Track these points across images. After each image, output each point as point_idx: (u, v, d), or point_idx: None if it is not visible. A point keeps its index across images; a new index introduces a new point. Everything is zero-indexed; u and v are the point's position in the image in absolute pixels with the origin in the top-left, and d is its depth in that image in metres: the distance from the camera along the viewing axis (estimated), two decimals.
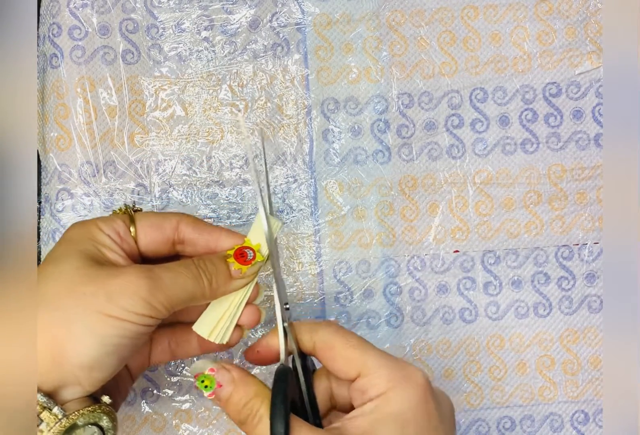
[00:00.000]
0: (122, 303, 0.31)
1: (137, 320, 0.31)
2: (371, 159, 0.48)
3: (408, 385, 0.31)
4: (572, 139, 0.49)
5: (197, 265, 0.34)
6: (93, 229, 0.34)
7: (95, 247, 0.33)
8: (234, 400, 0.32)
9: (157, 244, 0.36)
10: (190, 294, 0.33)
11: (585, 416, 0.48)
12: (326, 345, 0.33)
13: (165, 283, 0.32)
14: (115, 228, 0.35)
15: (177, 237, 0.36)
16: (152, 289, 0.31)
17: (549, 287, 0.49)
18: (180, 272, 0.33)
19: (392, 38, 0.48)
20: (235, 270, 0.34)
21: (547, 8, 0.48)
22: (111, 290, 0.31)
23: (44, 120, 0.47)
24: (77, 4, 0.46)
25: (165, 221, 0.36)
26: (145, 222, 0.36)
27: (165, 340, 0.38)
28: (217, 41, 0.47)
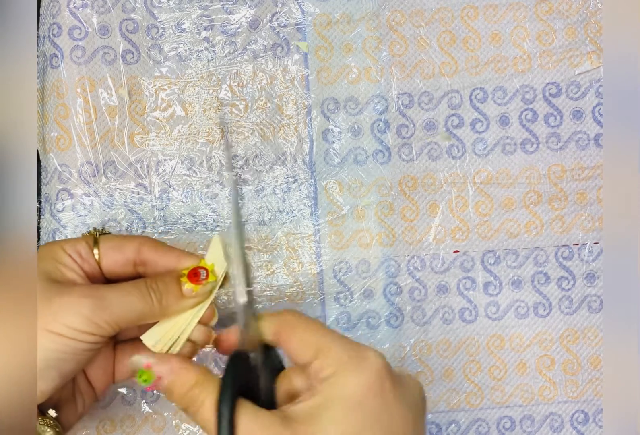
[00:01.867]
0: (65, 320, 0.32)
1: (79, 337, 0.32)
2: (371, 159, 0.48)
3: (360, 367, 0.30)
4: (572, 139, 0.49)
5: (147, 284, 0.35)
6: (57, 249, 0.36)
7: (55, 267, 0.35)
8: (176, 389, 0.32)
9: (119, 265, 0.37)
10: (137, 312, 0.34)
11: (585, 416, 0.48)
12: (286, 327, 0.33)
13: (110, 302, 0.33)
14: (78, 249, 0.37)
15: (138, 259, 0.37)
16: (95, 308, 0.33)
17: (549, 287, 0.49)
18: (127, 291, 0.34)
19: (392, 38, 0.48)
20: (187, 289, 0.36)
21: (547, 8, 0.48)
22: (56, 307, 0.33)
23: (44, 120, 0.47)
24: (77, 4, 0.46)
25: (127, 243, 0.38)
26: (108, 243, 0.37)
27: (127, 357, 0.39)
28: (217, 41, 0.47)
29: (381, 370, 0.30)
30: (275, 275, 0.47)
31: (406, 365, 0.48)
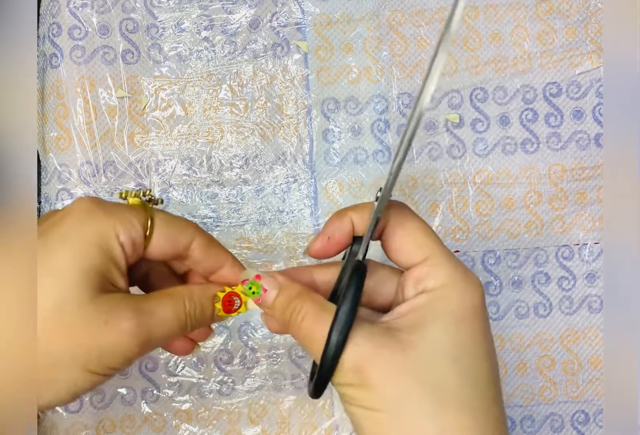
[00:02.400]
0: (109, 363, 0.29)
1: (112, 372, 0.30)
2: (371, 159, 0.48)
3: (468, 287, 0.29)
4: (572, 138, 0.49)
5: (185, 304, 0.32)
6: (110, 233, 0.30)
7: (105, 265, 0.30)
8: (279, 301, 0.31)
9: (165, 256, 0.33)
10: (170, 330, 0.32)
11: (585, 416, 0.48)
12: (398, 222, 0.31)
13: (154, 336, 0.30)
14: (132, 236, 0.30)
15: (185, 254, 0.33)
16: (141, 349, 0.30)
17: (549, 287, 0.48)
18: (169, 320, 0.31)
19: (392, 38, 0.48)
20: (217, 316, 0.34)
21: (548, 8, 0.48)
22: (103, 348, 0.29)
23: (43, 120, 0.46)
24: (77, 4, 0.46)
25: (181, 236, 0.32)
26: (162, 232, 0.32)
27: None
28: (217, 41, 0.47)
29: (483, 296, 0.30)
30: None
31: None
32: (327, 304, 0.30)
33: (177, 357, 0.46)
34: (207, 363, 0.47)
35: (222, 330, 0.47)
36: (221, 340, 0.47)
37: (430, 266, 0.30)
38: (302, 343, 0.31)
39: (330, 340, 0.28)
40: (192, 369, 0.47)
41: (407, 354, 0.28)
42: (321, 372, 0.29)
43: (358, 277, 0.29)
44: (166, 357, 0.47)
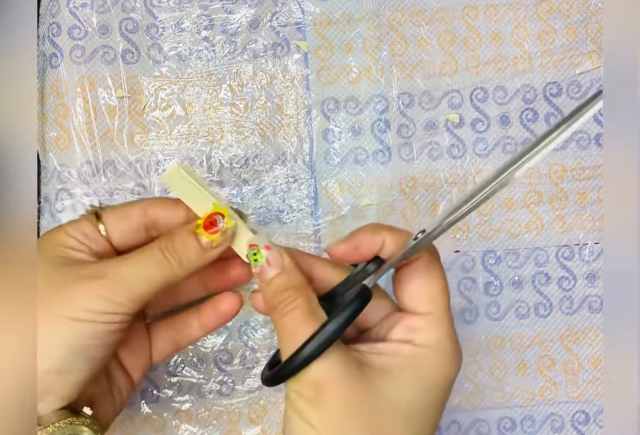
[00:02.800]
0: (82, 304, 0.30)
1: (101, 319, 0.30)
2: (371, 159, 0.48)
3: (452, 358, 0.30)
4: (572, 138, 0.49)
5: (161, 247, 0.32)
6: (59, 234, 0.34)
7: (61, 251, 0.33)
8: (276, 282, 0.31)
9: (130, 233, 0.35)
10: (158, 280, 0.32)
11: (585, 416, 0.48)
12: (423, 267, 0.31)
13: (125, 277, 0.31)
14: (82, 229, 0.34)
15: (148, 221, 0.35)
16: (112, 286, 0.30)
17: (549, 287, 0.48)
18: (141, 261, 0.32)
19: (392, 38, 0.48)
20: (206, 241, 0.32)
21: (548, 7, 0.48)
22: (71, 293, 0.30)
23: (43, 120, 0.46)
24: (77, 4, 0.46)
25: (131, 208, 0.35)
26: (111, 214, 0.35)
27: (165, 333, 0.38)
28: (217, 41, 0.47)
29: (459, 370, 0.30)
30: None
31: None
32: (319, 310, 0.30)
33: (177, 356, 0.46)
34: (207, 363, 0.47)
35: (222, 330, 0.47)
36: (221, 340, 0.47)
37: (429, 322, 0.30)
38: (278, 332, 0.31)
39: (304, 348, 0.28)
40: (192, 369, 0.47)
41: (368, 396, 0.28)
42: (281, 372, 0.29)
43: (359, 303, 0.29)
44: None
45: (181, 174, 0.33)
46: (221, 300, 0.37)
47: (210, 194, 0.33)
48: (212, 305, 0.37)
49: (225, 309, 0.36)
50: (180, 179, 0.33)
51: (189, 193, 0.33)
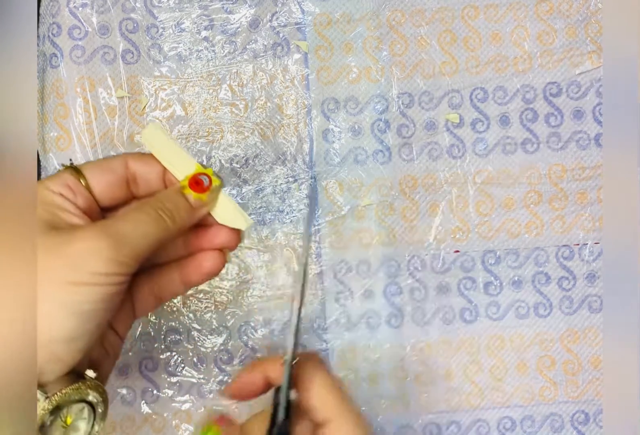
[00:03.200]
0: (87, 267, 0.29)
1: (107, 280, 0.30)
2: (371, 159, 0.48)
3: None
4: (572, 138, 0.49)
5: (154, 206, 0.32)
6: (42, 191, 0.32)
7: (48, 211, 0.32)
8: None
9: (112, 187, 0.34)
10: (155, 238, 0.32)
11: (585, 416, 0.48)
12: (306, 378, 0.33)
13: (127, 235, 0.30)
14: (65, 183, 0.33)
15: (129, 175, 0.34)
16: (115, 246, 0.30)
17: (549, 287, 0.48)
18: (139, 219, 0.31)
19: (392, 38, 0.48)
20: (194, 200, 0.33)
21: (548, 8, 0.48)
22: (72, 256, 0.29)
23: (43, 120, 0.46)
24: (77, 4, 0.46)
25: (112, 161, 0.34)
26: (93, 168, 0.34)
27: (146, 287, 0.37)
28: (217, 41, 0.47)
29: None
30: (275, 275, 0.47)
31: (406, 366, 0.48)
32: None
33: (177, 356, 0.46)
34: (207, 363, 0.47)
35: (222, 330, 0.47)
36: (221, 340, 0.47)
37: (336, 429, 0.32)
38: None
39: None
40: (192, 369, 0.47)
41: None
42: None
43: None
44: (166, 357, 0.47)
45: (159, 134, 0.34)
46: (204, 257, 0.36)
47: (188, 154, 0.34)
48: (195, 262, 0.36)
49: (208, 266, 0.36)
50: (159, 137, 0.34)
51: (169, 153, 0.34)
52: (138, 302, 0.37)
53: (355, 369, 0.47)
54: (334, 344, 0.47)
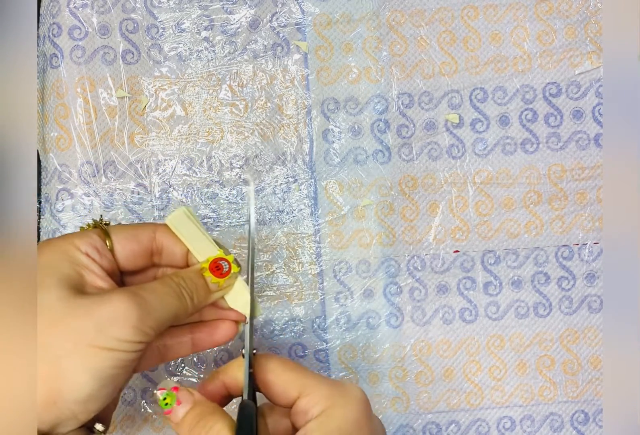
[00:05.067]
0: (113, 333, 0.30)
1: (129, 348, 0.30)
2: (371, 159, 0.48)
3: (348, 400, 0.32)
4: (572, 139, 0.49)
5: (177, 283, 0.33)
6: (69, 248, 0.32)
7: (75, 271, 0.32)
8: (189, 417, 0.32)
9: (136, 256, 0.35)
10: (175, 313, 0.33)
11: (585, 416, 0.48)
12: (265, 369, 0.33)
13: (152, 306, 0.31)
14: (93, 244, 0.33)
15: (154, 247, 0.35)
16: (141, 315, 0.31)
17: (549, 287, 0.49)
18: (165, 293, 0.32)
19: (392, 38, 0.48)
20: (212, 284, 0.34)
21: (547, 8, 0.48)
22: (100, 320, 0.30)
23: (44, 120, 0.47)
24: (77, 4, 0.46)
25: (141, 231, 0.35)
26: (121, 234, 0.35)
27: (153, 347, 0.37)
28: (217, 41, 0.47)
29: (365, 402, 0.32)
30: (275, 275, 0.47)
31: (406, 366, 0.48)
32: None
33: None
34: (207, 363, 0.47)
35: None
36: None
37: (307, 396, 0.32)
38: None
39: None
40: (193, 368, 0.47)
41: None
42: None
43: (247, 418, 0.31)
44: None
45: (187, 218, 0.35)
46: (218, 327, 0.37)
47: (211, 239, 0.35)
48: (207, 330, 0.37)
49: (221, 336, 0.37)
50: (185, 223, 0.35)
51: (193, 236, 0.35)
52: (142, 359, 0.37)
53: (355, 369, 0.47)
54: (334, 344, 0.47)
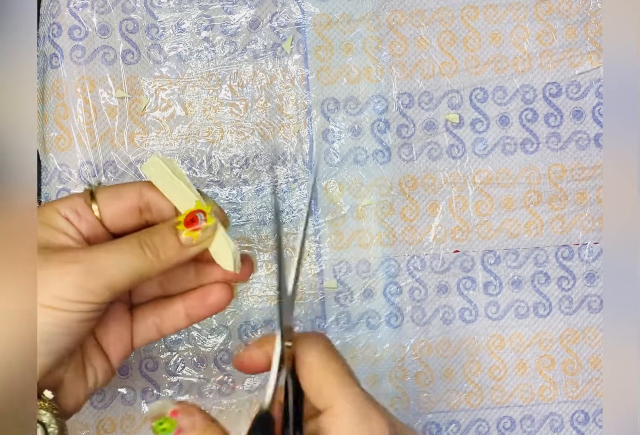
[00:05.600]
0: (54, 291, 0.29)
1: (72, 307, 0.29)
2: (371, 159, 0.48)
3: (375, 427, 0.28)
4: (572, 138, 0.49)
5: (140, 239, 0.32)
6: (50, 212, 0.33)
7: (48, 232, 0.32)
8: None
9: (123, 214, 0.34)
10: (134, 271, 0.31)
11: (585, 416, 0.48)
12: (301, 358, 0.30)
13: (102, 263, 0.30)
14: (73, 206, 0.33)
15: (142, 203, 0.34)
16: (86, 273, 0.30)
17: (549, 287, 0.49)
18: (119, 249, 0.31)
19: (392, 38, 0.48)
20: (185, 238, 0.32)
21: (547, 8, 0.48)
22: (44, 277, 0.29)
23: (44, 120, 0.47)
24: (77, 4, 0.46)
25: (126, 189, 0.34)
26: (105, 193, 0.34)
27: (148, 319, 0.36)
28: (217, 41, 0.47)
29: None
30: (276, 275, 0.47)
31: (406, 366, 0.48)
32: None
33: (177, 356, 0.46)
34: (207, 363, 0.47)
35: (222, 330, 0.47)
36: (221, 340, 0.47)
37: (333, 416, 0.28)
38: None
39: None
40: (192, 368, 0.47)
41: None
42: None
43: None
44: (166, 357, 0.47)
45: (160, 166, 0.33)
46: (210, 291, 0.35)
47: (192, 190, 0.33)
48: (200, 295, 0.36)
49: (214, 300, 0.35)
50: (160, 172, 0.33)
51: (170, 187, 0.33)
52: (138, 333, 0.37)
53: (355, 369, 0.47)
54: (334, 344, 0.47)
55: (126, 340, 0.36)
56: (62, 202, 0.33)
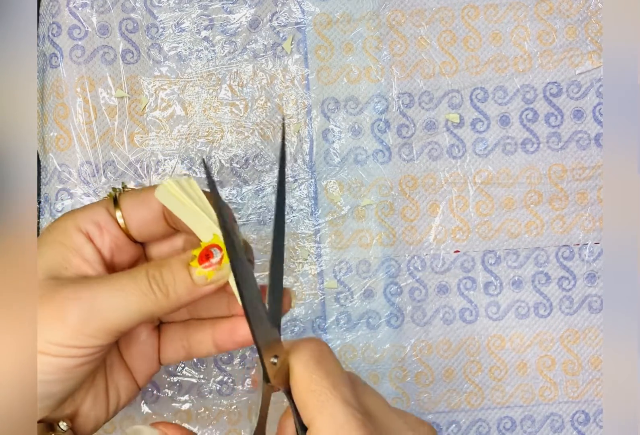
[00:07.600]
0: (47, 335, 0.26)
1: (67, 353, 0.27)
2: (371, 159, 0.48)
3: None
4: (572, 138, 0.49)
5: (149, 276, 0.28)
6: (69, 227, 0.30)
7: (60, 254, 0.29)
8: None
9: (148, 223, 0.31)
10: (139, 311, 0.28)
11: (585, 416, 0.48)
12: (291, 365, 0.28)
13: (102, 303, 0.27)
14: (95, 219, 0.30)
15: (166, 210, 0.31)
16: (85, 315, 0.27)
17: (549, 287, 0.48)
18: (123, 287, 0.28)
19: (392, 38, 0.48)
20: (198, 277, 0.28)
21: (548, 7, 0.48)
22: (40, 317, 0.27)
23: (43, 120, 0.46)
24: (77, 4, 0.46)
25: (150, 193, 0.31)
26: (129, 201, 0.31)
27: (177, 341, 0.34)
28: (217, 41, 0.47)
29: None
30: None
31: (406, 366, 0.48)
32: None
33: None
34: (207, 363, 0.47)
35: None
36: None
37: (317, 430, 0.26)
38: None
39: None
40: (192, 369, 0.47)
41: None
42: None
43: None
44: None
45: (172, 194, 0.29)
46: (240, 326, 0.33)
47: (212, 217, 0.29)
48: (229, 328, 0.33)
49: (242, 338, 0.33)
50: (172, 199, 0.29)
51: (184, 214, 0.29)
52: (167, 352, 0.35)
53: (355, 369, 0.47)
54: (334, 345, 0.47)
55: (153, 359, 0.34)
56: (82, 212, 0.31)
